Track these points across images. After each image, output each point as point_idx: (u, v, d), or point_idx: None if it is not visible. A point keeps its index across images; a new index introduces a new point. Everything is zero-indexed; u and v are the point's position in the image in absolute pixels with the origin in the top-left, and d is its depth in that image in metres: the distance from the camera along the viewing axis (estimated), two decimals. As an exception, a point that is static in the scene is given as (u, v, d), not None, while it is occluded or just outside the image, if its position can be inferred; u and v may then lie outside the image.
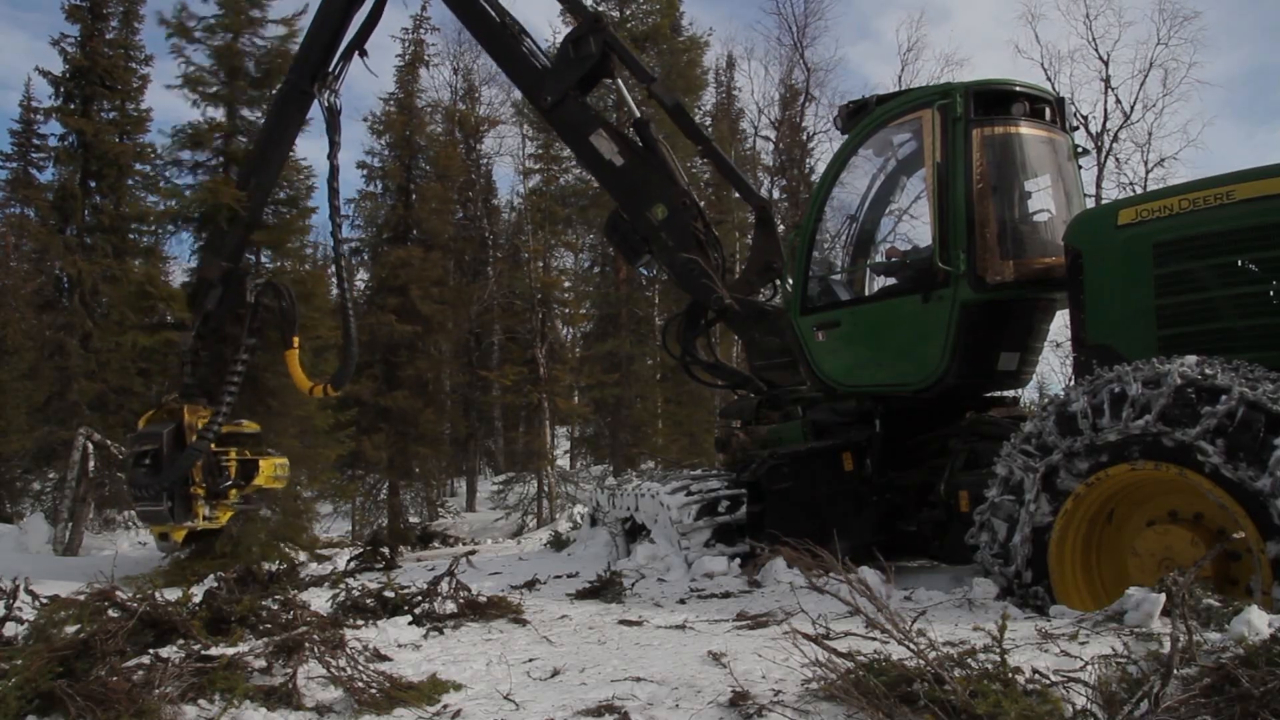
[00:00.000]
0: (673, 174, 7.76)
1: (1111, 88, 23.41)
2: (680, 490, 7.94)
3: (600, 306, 19.89)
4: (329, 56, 8.80)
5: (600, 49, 7.75)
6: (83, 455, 10.99)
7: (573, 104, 7.90)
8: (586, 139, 7.84)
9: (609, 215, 8.24)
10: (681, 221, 7.58)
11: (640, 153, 7.73)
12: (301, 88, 8.81)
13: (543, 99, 8.02)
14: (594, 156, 7.86)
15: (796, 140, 24.32)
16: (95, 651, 3.71)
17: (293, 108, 8.96)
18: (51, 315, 13.92)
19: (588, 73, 7.88)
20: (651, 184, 7.68)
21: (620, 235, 7.96)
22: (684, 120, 8.04)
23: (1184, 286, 5.06)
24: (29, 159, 17.66)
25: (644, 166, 7.70)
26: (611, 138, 7.79)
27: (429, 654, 4.72)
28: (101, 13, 14.61)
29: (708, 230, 7.82)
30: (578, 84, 7.89)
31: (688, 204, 7.66)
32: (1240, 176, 4.91)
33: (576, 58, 7.84)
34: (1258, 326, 4.80)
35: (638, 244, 7.83)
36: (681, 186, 7.76)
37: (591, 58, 7.78)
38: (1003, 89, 6.45)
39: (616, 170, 7.77)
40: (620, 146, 7.74)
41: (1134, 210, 5.35)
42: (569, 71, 7.87)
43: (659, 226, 7.61)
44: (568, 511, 15.72)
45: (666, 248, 7.64)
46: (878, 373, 6.69)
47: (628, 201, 7.87)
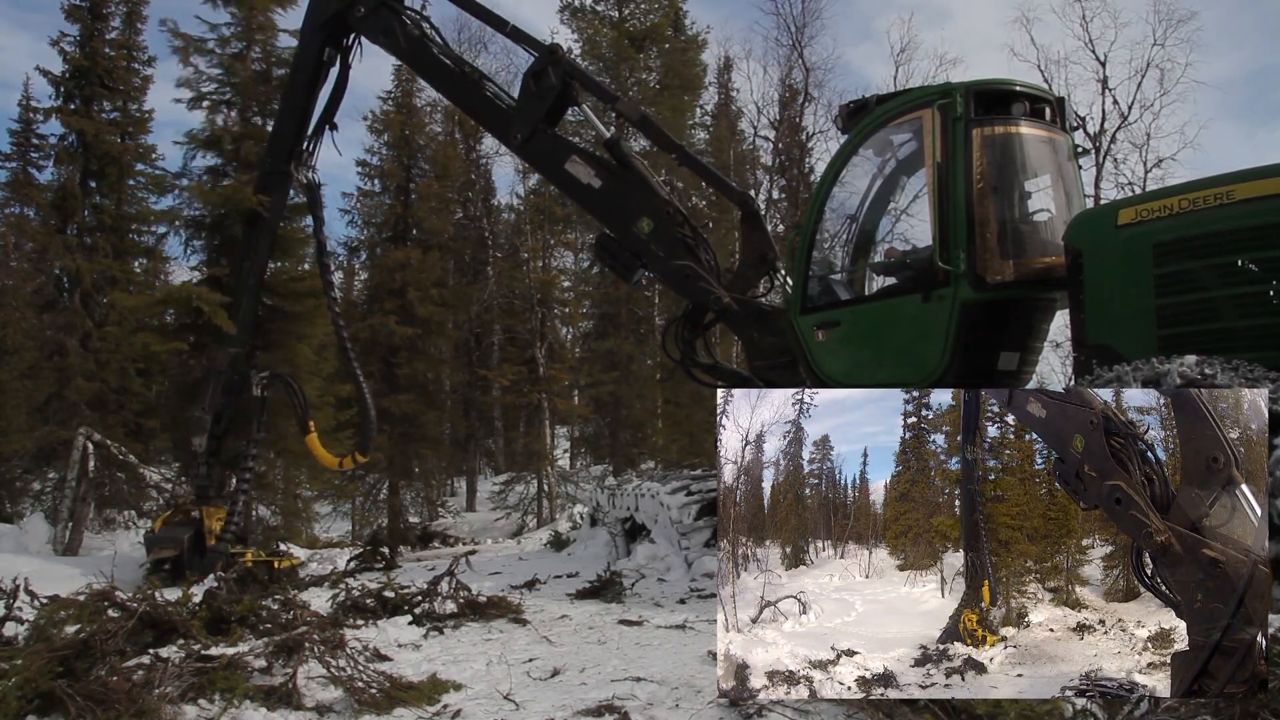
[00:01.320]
0: (651, 187, 7.84)
1: (1109, 88, 23.40)
2: (680, 490, 7.96)
3: (600, 306, 19.88)
4: (301, 135, 9.04)
5: (561, 79, 7.87)
6: (83, 455, 10.97)
7: (542, 137, 8.01)
8: (562, 167, 7.93)
9: (596, 237, 8.32)
10: (668, 231, 7.64)
11: (617, 171, 7.81)
12: (280, 169, 9.02)
13: (513, 138, 8.13)
14: (572, 183, 7.95)
15: (796, 140, 24.31)
16: (95, 651, 3.71)
17: (275, 190, 9.14)
18: (51, 315, 13.90)
19: (553, 104, 7.98)
20: (632, 200, 7.74)
21: (610, 255, 8.02)
22: (652, 131, 8.16)
23: (1184, 286, 5.06)
24: (28, 159, 17.62)
25: (622, 184, 7.78)
26: (586, 162, 7.88)
27: (429, 654, 4.72)
28: (101, 13, 14.60)
29: (695, 234, 7.88)
30: (544, 117, 8.00)
31: (671, 213, 7.74)
32: (1240, 176, 4.91)
33: (539, 90, 7.93)
34: (1258, 326, 4.80)
35: (629, 260, 7.88)
36: (662, 197, 7.84)
37: (554, 89, 7.89)
38: (1003, 89, 6.45)
39: (596, 192, 7.85)
40: (596, 169, 7.83)
41: (1134, 210, 5.35)
42: (534, 106, 7.97)
43: (647, 240, 7.67)
44: (568, 511, 15.71)
45: (658, 259, 7.69)
46: (878, 372, 6.69)
47: (612, 221, 7.94)
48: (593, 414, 20.04)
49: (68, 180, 14.16)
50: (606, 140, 7.94)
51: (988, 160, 6.16)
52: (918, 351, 6.37)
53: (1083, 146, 7.59)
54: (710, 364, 8.24)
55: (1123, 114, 23.23)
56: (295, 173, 9.01)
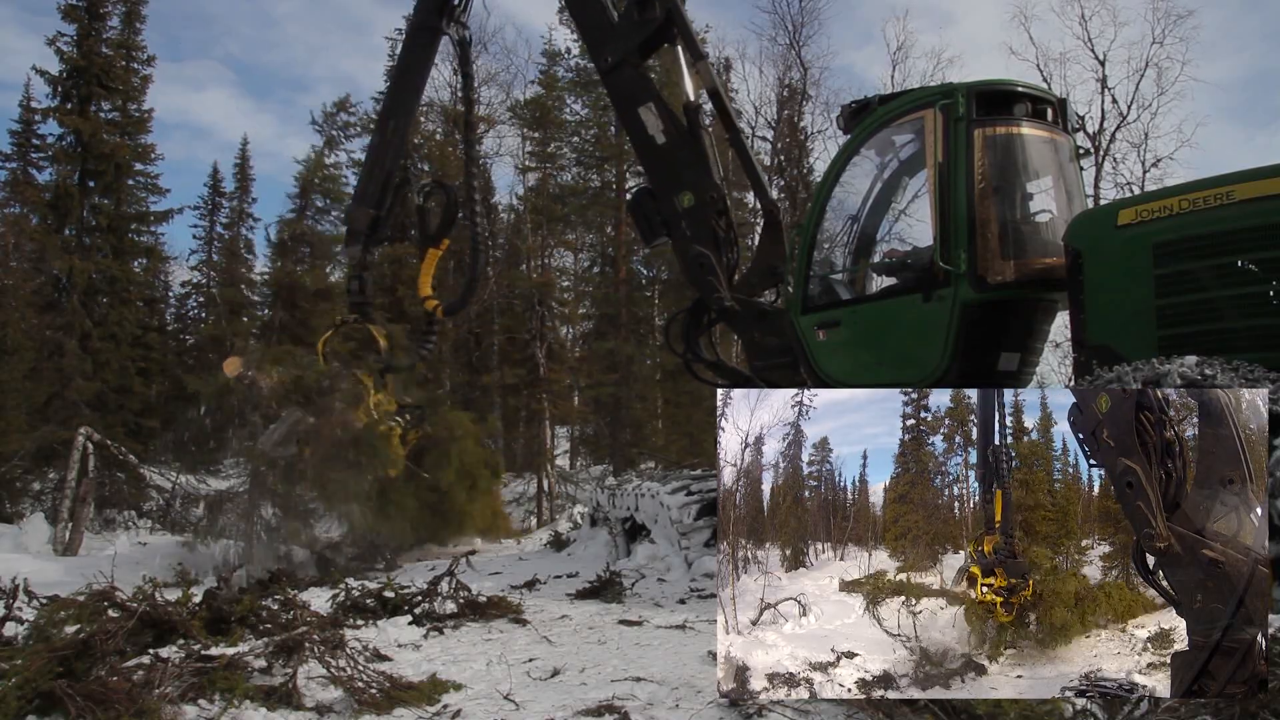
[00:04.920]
0: (709, 165, 7.72)
1: (1108, 88, 23.41)
2: (680, 490, 7.95)
3: (600, 306, 19.88)
4: None
5: (664, 13, 7.74)
6: (83, 455, 10.96)
7: (630, 70, 7.91)
8: (635, 110, 7.83)
9: (636, 191, 8.30)
10: (704, 214, 7.58)
11: (684, 135, 7.70)
12: (429, 24, 8.78)
13: (604, 59, 8.03)
14: (639, 129, 7.84)
15: (795, 140, 24.30)
16: (95, 651, 3.70)
17: (422, 45, 8.94)
18: (51, 315, 13.91)
19: (649, 36, 7.87)
20: (686, 169, 7.66)
21: (643, 213, 7.98)
22: (720, 104, 8.01)
23: (1184, 287, 5.06)
24: (28, 159, 17.63)
25: (682, 151, 7.68)
26: (659, 114, 7.76)
27: (429, 654, 4.72)
28: (99, 12, 14.61)
29: (729, 229, 7.78)
30: (638, 48, 7.89)
31: (715, 198, 7.64)
32: (1240, 177, 4.92)
33: (640, 20, 7.82)
34: (1258, 326, 4.80)
35: (657, 225, 7.85)
36: (714, 179, 7.73)
37: (655, 21, 7.76)
38: (1005, 89, 6.45)
39: (656, 148, 7.76)
40: (666, 125, 7.71)
41: (1134, 210, 5.35)
42: (632, 33, 7.87)
43: (681, 214, 7.61)
44: (568, 511, 15.70)
45: (684, 236, 7.65)
46: (878, 372, 6.69)
47: (658, 181, 7.87)
48: (592, 414, 20.04)
49: (64, 180, 14.18)
50: (686, 103, 7.78)
51: (989, 161, 6.16)
52: (918, 351, 6.37)
53: (1084, 147, 7.59)
54: (713, 361, 8.23)
55: (1121, 113, 23.26)
56: (445, 28, 8.76)
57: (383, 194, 9.18)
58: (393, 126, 9.15)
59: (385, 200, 9.20)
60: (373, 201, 9.13)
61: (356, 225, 9.13)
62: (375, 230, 9.15)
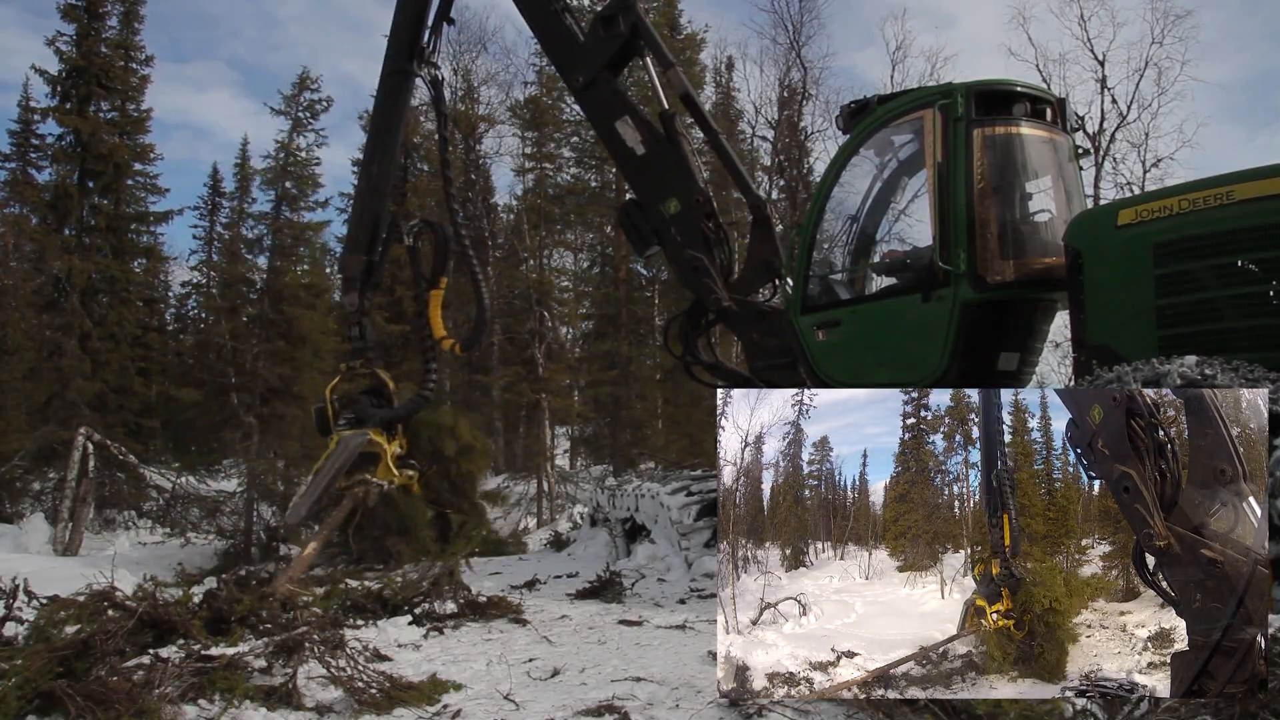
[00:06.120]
0: (691, 170, 7.77)
1: (1107, 88, 23.39)
2: (680, 490, 7.95)
3: (599, 306, 19.88)
4: (420, 31, 8.90)
5: (629, 29, 7.79)
6: (83, 455, 10.96)
7: (603, 86, 7.96)
8: (612, 124, 7.88)
9: (624, 203, 8.33)
10: (692, 218, 7.61)
11: (662, 144, 7.75)
12: (401, 68, 8.90)
13: (575, 79, 8.09)
14: (616, 142, 7.89)
15: (795, 140, 24.30)
16: (95, 651, 3.71)
17: (395, 89, 9.05)
18: (51, 315, 13.91)
19: (617, 53, 7.92)
20: (668, 177, 7.71)
21: (632, 224, 8.02)
22: (694, 108, 8.08)
23: (1184, 287, 5.06)
24: (28, 159, 17.63)
25: (663, 159, 7.72)
26: (636, 126, 7.82)
27: (429, 654, 4.72)
28: (98, 12, 14.61)
29: (718, 230, 7.82)
30: (608, 64, 7.94)
31: (701, 201, 7.68)
32: (1240, 177, 4.91)
33: (607, 36, 7.88)
34: (1258, 326, 4.80)
35: (647, 235, 7.88)
36: (698, 184, 7.77)
37: (620, 37, 7.81)
38: (1004, 89, 6.45)
39: (637, 159, 7.80)
40: (644, 135, 7.77)
41: (1134, 210, 5.35)
42: (599, 50, 7.92)
43: (669, 221, 7.65)
44: (568, 511, 15.71)
45: (674, 243, 7.68)
46: (878, 372, 6.69)
47: (643, 191, 7.92)
48: (592, 414, 20.04)
49: (63, 180, 14.18)
50: (662, 112, 7.85)
51: (988, 160, 6.16)
52: (918, 352, 6.37)
53: (1083, 148, 7.59)
54: (712, 362, 8.24)
55: (1121, 113, 23.25)
56: (417, 70, 8.90)
57: (374, 238, 9.26)
58: (376, 171, 9.23)
59: (377, 245, 9.29)
60: (364, 247, 9.18)
61: (350, 272, 9.15)
62: (370, 275, 9.18)
